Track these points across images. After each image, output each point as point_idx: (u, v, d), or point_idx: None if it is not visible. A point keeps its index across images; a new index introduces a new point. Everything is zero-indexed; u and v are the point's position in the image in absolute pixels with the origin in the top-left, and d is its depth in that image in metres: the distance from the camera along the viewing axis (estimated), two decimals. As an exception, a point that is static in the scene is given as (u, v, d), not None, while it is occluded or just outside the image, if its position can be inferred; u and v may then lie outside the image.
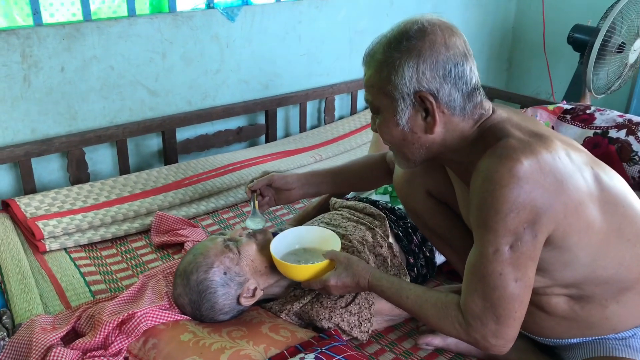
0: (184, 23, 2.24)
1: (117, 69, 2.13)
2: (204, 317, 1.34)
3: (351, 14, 2.76)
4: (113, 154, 2.22)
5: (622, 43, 2.48)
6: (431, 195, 1.39)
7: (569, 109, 2.15)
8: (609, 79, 2.61)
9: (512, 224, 1.01)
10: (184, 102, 2.34)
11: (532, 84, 3.54)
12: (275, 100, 2.56)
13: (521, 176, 0.99)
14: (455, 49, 1.05)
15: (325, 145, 2.55)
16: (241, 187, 2.15)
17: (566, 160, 1.06)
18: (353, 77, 2.87)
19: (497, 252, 1.03)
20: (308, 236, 1.45)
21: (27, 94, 1.97)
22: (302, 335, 1.30)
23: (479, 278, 1.06)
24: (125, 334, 1.29)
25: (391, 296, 1.21)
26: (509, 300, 1.05)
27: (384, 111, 1.12)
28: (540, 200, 1.00)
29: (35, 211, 1.85)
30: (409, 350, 1.38)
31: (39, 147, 1.98)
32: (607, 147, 1.97)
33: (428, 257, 1.60)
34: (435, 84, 1.05)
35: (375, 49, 1.11)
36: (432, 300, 1.15)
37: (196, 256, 1.34)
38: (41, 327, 1.31)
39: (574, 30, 2.64)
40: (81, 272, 1.65)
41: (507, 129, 1.08)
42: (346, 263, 1.27)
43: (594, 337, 1.21)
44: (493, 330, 1.07)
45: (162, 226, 1.84)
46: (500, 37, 3.54)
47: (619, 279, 1.14)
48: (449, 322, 1.12)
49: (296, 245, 1.43)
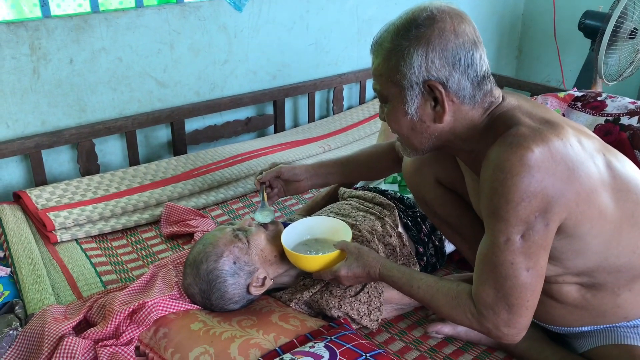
0: (192, 13, 2.24)
1: (126, 61, 2.14)
2: (214, 307, 1.35)
3: (359, 2, 2.74)
4: (122, 146, 2.23)
5: (634, 29, 2.44)
6: (440, 183, 1.38)
7: (579, 96, 2.12)
8: (620, 65, 2.57)
9: (524, 213, 1.00)
10: (192, 93, 2.34)
11: (542, 71, 3.51)
12: (283, 91, 2.55)
13: (532, 164, 0.98)
14: (465, 37, 1.04)
15: (334, 135, 2.55)
16: (250, 177, 2.15)
17: (578, 147, 1.04)
18: (361, 66, 2.85)
19: (509, 242, 1.02)
20: (319, 226, 1.44)
21: (37, 86, 1.98)
22: (311, 324, 1.30)
23: (490, 267, 1.05)
24: (136, 323, 1.30)
25: (402, 286, 1.21)
26: (521, 290, 1.04)
27: (392, 100, 1.11)
28: (551, 188, 0.99)
29: (47, 202, 1.86)
30: (419, 339, 1.38)
31: (49, 139, 1.99)
32: (619, 134, 1.94)
33: (437, 246, 1.59)
34: (445, 73, 1.04)
35: (384, 37, 1.09)
36: (444, 290, 1.15)
37: (206, 246, 1.34)
38: (53, 317, 1.32)
39: (585, 17, 2.61)
40: (92, 263, 1.66)
41: (518, 116, 1.07)
42: (357, 253, 1.27)
43: (605, 325, 1.21)
44: (505, 320, 1.06)
45: (171, 217, 1.85)
46: (509, 24, 3.50)
47: (632, 267, 1.13)
48: (461, 312, 1.11)
49: (307, 236, 1.43)
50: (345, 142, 2.49)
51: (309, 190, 1.70)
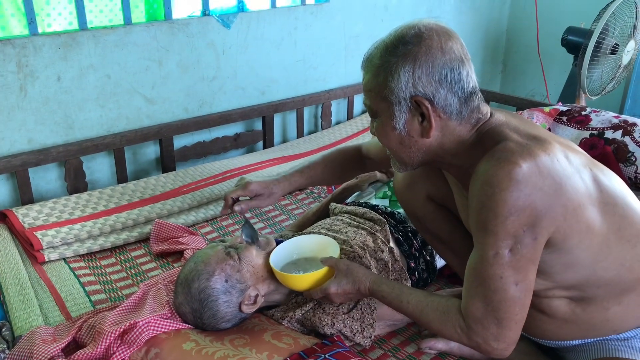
0: (180, 31, 2.24)
1: (114, 78, 2.13)
2: (205, 326, 1.33)
3: (346, 19, 2.77)
4: (111, 163, 2.21)
5: (615, 44, 2.50)
6: (431, 199, 1.40)
7: (564, 110, 2.16)
8: (603, 80, 2.62)
9: (512, 227, 1.01)
10: (180, 110, 2.34)
11: (527, 86, 3.56)
12: (272, 106, 2.56)
13: (520, 179, 0.99)
14: (452, 54, 1.06)
15: (322, 151, 2.54)
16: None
17: (564, 162, 1.06)
18: (349, 82, 2.87)
19: (497, 255, 1.03)
20: (306, 245, 1.44)
21: (24, 104, 1.96)
22: (304, 342, 1.29)
23: (479, 281, 1.06)
24: (127, 344, 1.28)
25: (392, 301, 1.21)
26: (510, 304, 1.05)
27: (381, 115, 1.13)
28: (539, 202, 1.01)
29: (34, 221, 1.84)
30: (412, 355, 1.38)
31: (35, 157, 1.97)
32: (604, 148, 1.98)
33: (428, 261, 1.60)
34: (431, 89, 1.05)
35: (373, 54, 1.12)
36: (433, 305, 1.15)
37: (197, 264, 1.33)
38: (42, 338, 1.30)
39: (567, 33, 2.66)
40: (81, 282, 1.64)
41: (505, 132, 1.09)
42: (345, 270, 1.26)
43: (595, 339, 1.21)
44: (494, 334, 1.07)
45: (161, 234, 1.83)
46: (494, 40, 3.56)
47: (620, 280, 1.14)
48: (450, 327, 1.12)
49: (294, 256, 1.43)
50: (334, 157, 2.50)
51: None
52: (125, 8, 2.13)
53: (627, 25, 2.49)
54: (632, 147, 1.93)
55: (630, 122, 1.99)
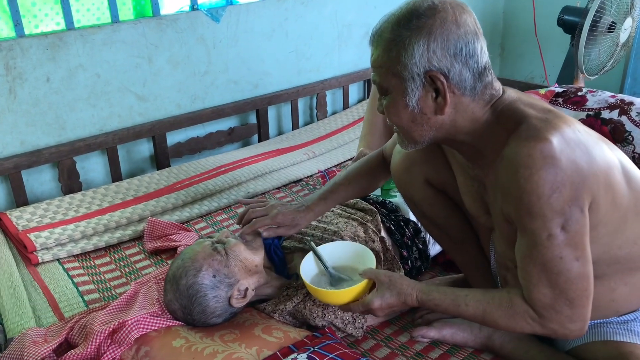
0: (169, 26, 2.23)
1: (104, 76, 2.12)
2: (195, 322, 1.33)
3: (338, 7, 2.74)
4: (104, 162, 2.21)
5: (612, 22, 2.45)
6: (430, 184, 1.36)
7: (560, 92, 2.12)
8: (600, 59, 2.57)
9: (557, 205, 0.98)
10: (173, 106, 2.33)
11: (525, 68, 3.51)
12: (265, 99, 2.54)
13: (554, 155, 0.97)
14: (466, 27, 1.02)
15: (318, 142, 2.54)
16: (233, 188, 2.14)
17: (585, 132, 1.04)
18: (343, 71, 2.85)
19: (551, 237, 1.00)
20: (337, 253, 1.33)
21: (14, 106, 1.96)
22: (295, 335, 1.28)
23: (539, 267, 1.03)
24: (117, 343, 1.28)
25: (448, 308, 1.14)
26: (577, 281, 1.02)
27: (392, 92, 1.08)
28: (575, 174, 0.98)
29: (27, 223, 1.84)
30: (405, 344, 1.36)
31: (28, 159, 1.97)
32: (601, 128, 1.94)
33: (421, 249, 1.58)
34: (446, 63, 1.01)
35: (384, 28, 1.06)
36: (495, 301, 1.10)
37: (184, 261, 1.33)
38: (32, 340, 1.30)
39: (563, 12, 2.61)
40: (74, 283, 1.64)
41: (522, 109, 1.05)
42: (388, 282, 1.18)
43: (595, 321, 1.19)
44: (569, 315, 1.04)
45: (154, 232, 1.83)
46: (491, 22, 3.51)
47: (630, 258, 1.12)
48: (520, 320, 1.08)
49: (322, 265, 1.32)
50: (329, 147, 2.48)
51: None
52: (112, 6, 2.12)
53: (623, 2, 2.44)
54: (629, 126, 1.89)
55: (627, 101, 1.95)
